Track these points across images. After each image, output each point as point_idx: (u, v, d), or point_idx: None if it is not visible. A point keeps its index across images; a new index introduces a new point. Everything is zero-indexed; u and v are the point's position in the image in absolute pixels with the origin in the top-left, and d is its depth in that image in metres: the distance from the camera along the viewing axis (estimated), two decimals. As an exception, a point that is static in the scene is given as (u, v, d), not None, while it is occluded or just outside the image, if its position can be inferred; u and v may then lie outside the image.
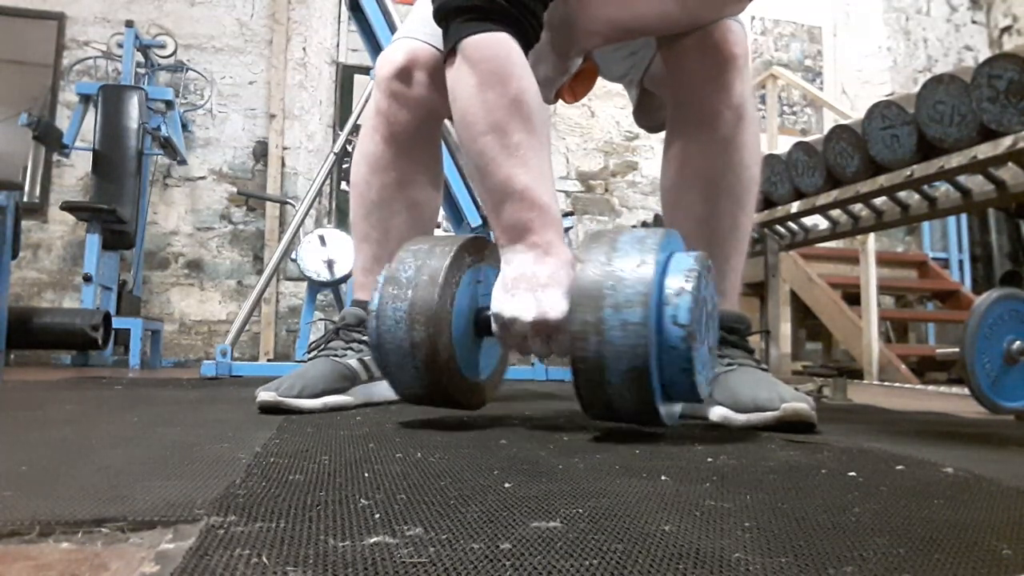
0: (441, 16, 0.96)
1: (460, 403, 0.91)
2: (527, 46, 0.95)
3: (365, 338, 1.21)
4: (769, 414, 0.95)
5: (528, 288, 0.87)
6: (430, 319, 0.85)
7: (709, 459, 0.69)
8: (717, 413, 1.04)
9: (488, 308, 0.93)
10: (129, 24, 4.03)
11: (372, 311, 0.90)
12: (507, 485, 0.54)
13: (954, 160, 1.71)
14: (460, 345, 0.91)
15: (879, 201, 2.27)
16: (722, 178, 1.14)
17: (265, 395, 1.08)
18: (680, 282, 0.79)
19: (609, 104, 4.87)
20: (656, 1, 1.02)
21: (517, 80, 0.92)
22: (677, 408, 0.92)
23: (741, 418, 0.99)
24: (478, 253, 0.95)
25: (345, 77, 4.69)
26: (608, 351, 0.76)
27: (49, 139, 3.50)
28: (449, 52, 0.96)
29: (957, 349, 1.50)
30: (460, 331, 0.91)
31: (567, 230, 2.96)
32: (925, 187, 2.02)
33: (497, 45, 0.92)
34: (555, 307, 0.85)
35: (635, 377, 0.76)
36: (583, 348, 0.77)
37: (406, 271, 0.89)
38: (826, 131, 2.18)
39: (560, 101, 1.15)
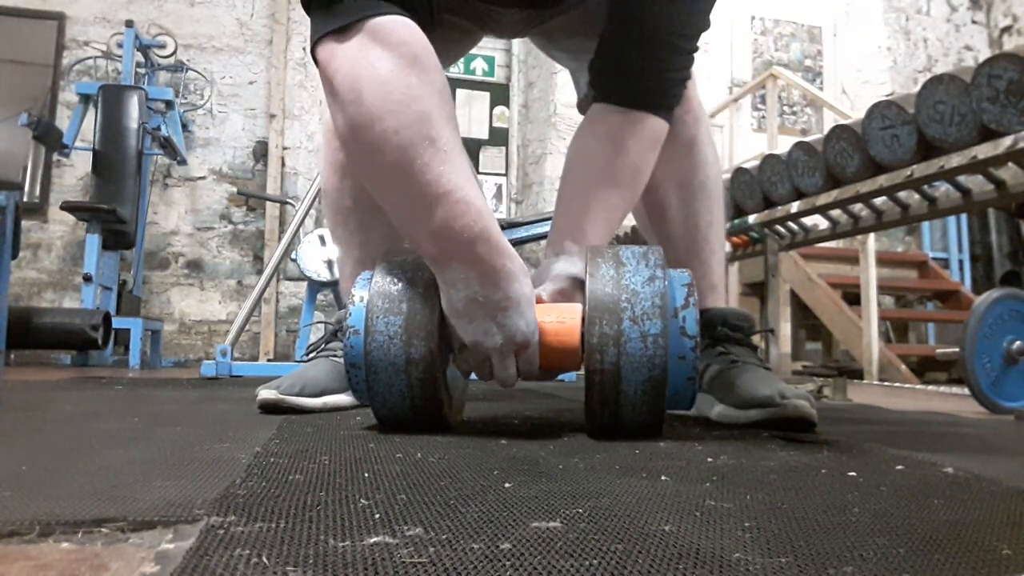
0: None
1: (447, 421, 0.86)
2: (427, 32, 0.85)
3: None
4: (769, 411, 0.95)
5: (486, 314, 0.79)
6: (430, 334, 0.80)
7: (709, 459, 0.69)
8: (717, 411, 1.05)
9: None
10: (129, 24, 4.03)
11: (354, 328, 0.83)
12: (507, 485, 0.54)
13: (954, 160, 1.71)
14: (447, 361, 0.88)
15: (879, 201, 2.27)
16: (693, 178, 1.17)
17: (266, 393, 1.07)
18: (684, 295, 0.83)
19: (609, 104, 4.86)
20: None
21: (440, 69, 0.83)
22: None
23: (741, 416, 0.99)
24: None
25: (345, 77, 4.69)
26: (626, 362, 0.77)
27: (49, 139, 3.50)
28: (343, 31, 0.80)
29: (957, 349, 1.50)
30: (446, 346, 0.87)
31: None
32: (925, 187, 2.02)
33: (411, 27, 0.82)
34: (523, 328, 0.79)
35: (652, 387, 0.78)
36: (600, 360, 0.77)
37: (395, 283, 0.83)
38: (826, 131, 2.18)
39: (559, 102, 1.14)
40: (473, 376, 0.90)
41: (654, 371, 0.77)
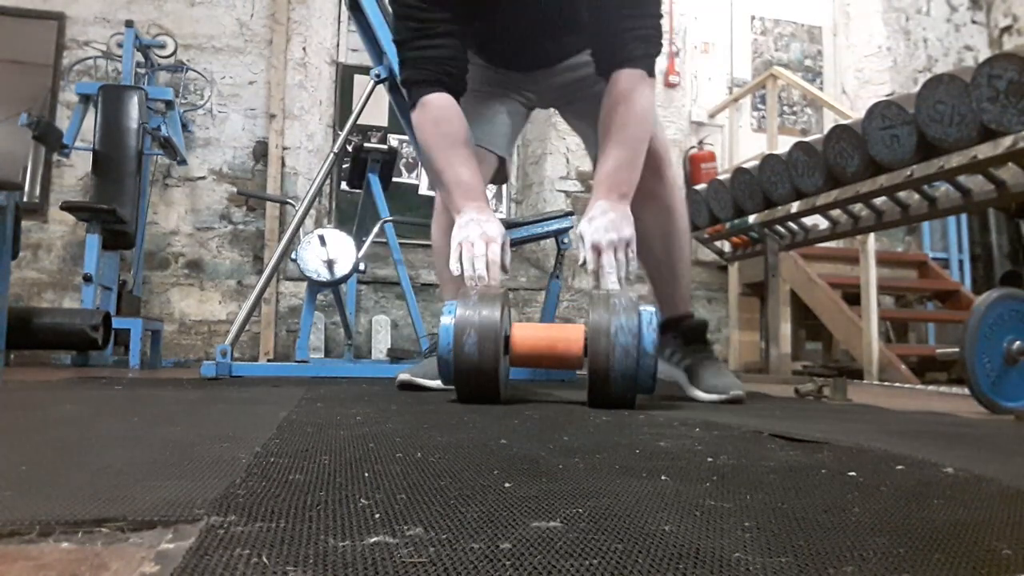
0: (408, 83, 1.57)
1: (500, 398, 1.33)
2: (458, 97, 1.57)
3: None
4: (722, 396, 1.54)
5: (476, 224, 1.45)
6: (495, 344, 1.29)
7: (709, 459, 0.69)
8: (692, 392, 1.61)
9: (506, 334, 1.36)
10: (129, 24, 4.02)
11: (447, 340, 1.30)
12: (507, 485, 0.54)
13: (954, 160, 1.71)
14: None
15: (879, 201, 2.27)
16: (671, 228, 1.73)
17: (402, 376, 1.72)
18: (648, 323, 1.27)
19: (609, 104, 4.86)
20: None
21: (457, 121, 1.55)
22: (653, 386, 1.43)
23: (705, 396, 1.56)
24: (506, 300, 1.38)
25: (345, 77, 4.69)
26: (615, 364, 1.24)
27: (49, 139, 3.50)
28: (413, 104, 1.57)
29: (957, 349, 1.50)
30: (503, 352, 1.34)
31: (567, 229, 2.99)
32: (925, 187, 2.02)
33: (443, 99, 1.55)
34: (495, 229, 1.45)
35: (628, 376, 1.25)
36: (598, 360, 1.25)
37: (471, 311, 1.30)
38: (826, 131, 2.18)
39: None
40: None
41: (630, 367, 1.25)
